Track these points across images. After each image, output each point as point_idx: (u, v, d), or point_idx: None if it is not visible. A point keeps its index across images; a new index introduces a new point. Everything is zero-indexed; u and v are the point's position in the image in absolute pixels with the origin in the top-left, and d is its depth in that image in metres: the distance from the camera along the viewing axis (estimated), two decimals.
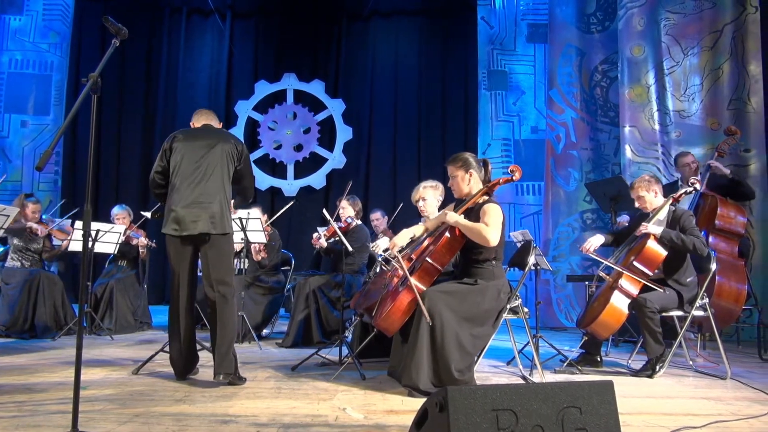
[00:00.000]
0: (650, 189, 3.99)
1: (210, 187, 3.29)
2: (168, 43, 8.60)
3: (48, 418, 2.52)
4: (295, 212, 8.43)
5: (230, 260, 3.41)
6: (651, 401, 3.07)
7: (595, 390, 1.94)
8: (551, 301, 6.73)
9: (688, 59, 6.12)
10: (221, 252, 3.30)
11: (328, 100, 8.65)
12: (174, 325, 3.31)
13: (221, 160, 3.35)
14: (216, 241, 3.28)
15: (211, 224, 3.25)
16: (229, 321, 3.27)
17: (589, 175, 6.82)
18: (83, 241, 2.38)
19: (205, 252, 3.29)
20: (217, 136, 3.44)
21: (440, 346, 3.01)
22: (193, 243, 3.29)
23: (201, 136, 3.42)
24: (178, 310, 3.30)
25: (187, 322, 3.32)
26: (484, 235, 3.17)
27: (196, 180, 3.28)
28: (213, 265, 3.27)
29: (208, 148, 3.34)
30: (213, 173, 3.31)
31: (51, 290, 5.18)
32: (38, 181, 7.45)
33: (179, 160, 3.33)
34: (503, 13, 7.68)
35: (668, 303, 3.76)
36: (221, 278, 3.27)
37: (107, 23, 2.40)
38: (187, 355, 3.33)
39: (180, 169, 3.31)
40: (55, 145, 2.19)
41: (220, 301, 3.26)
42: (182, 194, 3.26)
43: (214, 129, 3.53)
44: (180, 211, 3.23)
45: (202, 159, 3.31)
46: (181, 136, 3.41)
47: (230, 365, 3.22)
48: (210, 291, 3.28)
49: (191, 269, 3.35)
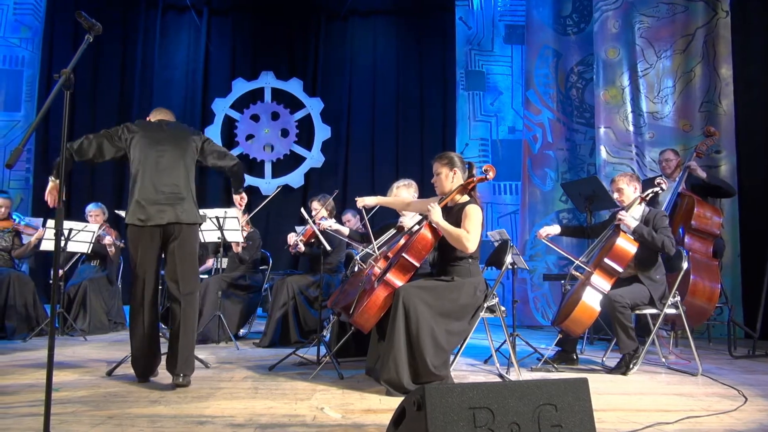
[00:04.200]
0: (630, 183, 4.07)
1: (175, 178, 3.26)
2: (143, 38, 8.45)
3: (19, 420, 2.46)
4: (273, 211, 8.37)
5: (195, 257, 3.34)
6: (625, 398, 3.12)
7: (571, 387, 1.96)
8: (528, 300, 6.80)
9: (661, 62, 6.23)
10: (187, 247, 3.25)
11: (306, 98, 8.61)
12: (136, 322, 3.22)
13: (183, 152, 3.33)
14: (183, 234, 3.22)
15: (179, 213, 3.21)
16: (192, 321, 3.23)
17: (565, 176, 6.91)
18: (55, 240, 2.33)
19: (172, 248, 3.22)
20: (174, 128, 3.42)
21: (416, 341, 3.02)
22: (159, 235, 3.22)
23: (159, 129, 3.38)
24: (142, 306, 3.20)
25: (151, 319, 3.23)
26: (463, 242, 3.20)
27: (160, 171, 3.23)
28: (179, 261, 3.21)
29: (168, 141, 3.31)
30: (177, 165, 3.28)
31: (22, 290, 5.07)
32: (9, 179, 7.28)
33: (138, 153, 3.26)
34: (481, 13, 7.73)
35: (639, 299, 3.84)
36: (186, 276, 3.22)
37: (80, 18, 2.35)
38: (149, 353, 3.24)
39: (142, 161, 3.24)
40: (26, 141, 2.14)
41: (186, 300, 3.20)
42: (147, 185, 3.21)
43: (170, 122, 3.47)
44: (145, 201, 3.18)
45: (164, 151, 3.27)
46: (136, 128, 3.34)
47: (192, 366, 3.19)
48: (174, 289, 3.21)
49: (156, 262, 3.26)
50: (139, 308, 3.22)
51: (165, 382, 3.19)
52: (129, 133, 3.32)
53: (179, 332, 3.17)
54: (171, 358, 3.15)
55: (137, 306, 3.22)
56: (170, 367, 3.16)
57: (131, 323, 3.25)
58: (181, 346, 3.13)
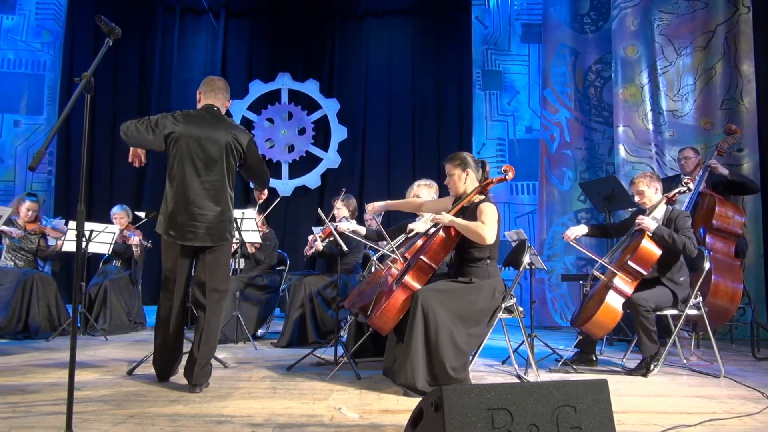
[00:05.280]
0: (651, 185, 4.00)
1: (212, 187, 3.16)
2: (162, 41, 8.56)
3: (42, 419, 2.51)
4: (290, 212, 8.42)
5: (227, 268, 3.32)
6: (645, 400, 3.08)
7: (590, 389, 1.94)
8: (546, 301, 6.74)
9: (681, 59, 6.14)
10: (219, 260, 3.22)
11: (323, 99, 8.64)
12: (163, 326, 3.19)
13: (223, 155, 3.19)
14: (215, 250, 3.20)
15: (209, 236, 3.15)
16: (214, 333, 3.20)
17: (583, 175, 6.84)
18: (77, 241, 2.37)
19: (203, 257, 3.19)
20: (219, 127, 3.23)
21: (435, 345, 3.01)
22: (191, 248, 3.19)
23: (203, 126, 3.20)
24: (170, 313, 3.18)
25: (177, 324, 3.21)
26: (480, 232, 3.17)
27: (197, 179, 3.14)
28: (209, 272, 3.18)
29: (210, 142, 3.17)
30: (215, 171, 3.17)
31: (45, 290, 5.15)
32: (31, 181, 7.39)
33: (176, 153, 3.15)
34: (497, 12, 7.69)
35: (663, 302, 3.78)
36: (215, 287, 3.19)
37: (100, 22, 2.38)
38: (170, 356, 3.24)
39: (179, 164, 3.15)
40: (48, 144, 2.18)
41: (211, 309, 3.17)
42: (181, 195, 3.13)
43: (216, 116, 3.28)
44: (179, 217, 3.11)
45: (204, 154, 3.15)
46: (181, 124, 3.17)
47: (207, 375, 3.18)
48: (201, 297, 3.19)
49: (188, 272, 3.23)
50: (166, 315, 3.19)
51: (184, 382, 3.20)
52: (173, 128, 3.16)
53: (201, 341, 3.14)
54: (189, 365, 3.14)
55: (165, 311, 3.19)
56: (187, 374, 3.14)
57: (157, 325, 3.23)
58: (201, 356, 3.11)
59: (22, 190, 7.07)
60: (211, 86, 3.36)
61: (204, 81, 3.40)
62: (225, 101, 3.39)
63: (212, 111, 3.31)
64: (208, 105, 3.33)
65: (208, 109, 3.31)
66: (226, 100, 3.40)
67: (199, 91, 3.38)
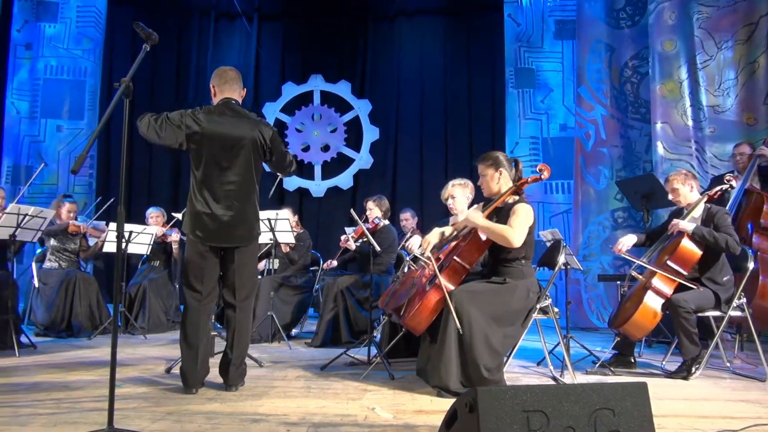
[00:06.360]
0: (686, 182, 3.90)
1: (238, 186, 3.08)
2: (197, 46, 8.73)
3: (85, 415, 2.58)
4: (323, 213, 8.48)
5: (254, 268, 3.31)
6: (686, 404, 3.00)
7: (629, 391, 1.90)
8: (582, 301, 6.63)
9: (722, 53, 5.96)
10: (246, 260, 3.17)
11: (355, 100, 8.67)
12: (191, 331, 3.06)
13: (247, 153, 3.11)
14: (242, 249, 3.15)
15: (235, 236, 3.10)
16: (245, 332, 3.18)
17: (619, 173, 6.70)
18: (117, 243, 2.43)
19: (230, 258, 3.14)
20: (242, 124, 3.13)
21: (468, 346, 2.99)
22: (217, 248, 3.14)
23: (225, 124, 3.10)
24: (198, 315, 3.07)
25: (207, 329, 3.13)
26: (506, 236, 3.14)
27: (223, 178, 3.06)
28: (237, 272, 3.14)
29: (234, 140, 3.08)
30: (239, 169, 3.09)
31: (87, 290, 5.31)
32: (73, 183, 7.62)
33: (200, 152, 3.07)
34: (530, 10, 7.61)
35: (704, 303, 3.67)
36: (243, 286, 3.16)
37: (138, 29, 2.43)
38: (200, 368, 3.07)
39: (202, 164, 3.07)
40: (90, 148, 2.24)
41: (240, 309, 3.15)
42: (207, 195, 3.06)
43: (237, 112, 3.18)
44: (204, 217, 3.05)
45: (228, 153, 3.07)
46: (203, 123, 3.07)
47: (243, 375, 3.20)
48: (230, 297, 3.16)
49: (215, 272, 3.15)
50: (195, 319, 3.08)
51: (221, 381, 3.23)
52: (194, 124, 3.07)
53: (234, 342, 3.13)
54: (224, 366, 3.15)
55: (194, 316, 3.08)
56: (222, 373, 3.16)
57: (186, 332, 3.08)
58: (235, 356, 3.13)
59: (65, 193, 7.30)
60: (224, 78, 3.23)
61: (215, 73, 3.27)
62: (240, 90, 3.28)
63: (232, 106, 3.19)
64: (226, 99, 3.20)
65: (227, 104, 3.19)
66: (241, 89, 3.29)
67: (212, 84, 3.26)
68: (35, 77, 7.63)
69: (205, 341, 3.10)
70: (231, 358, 3.12)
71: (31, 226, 4.43)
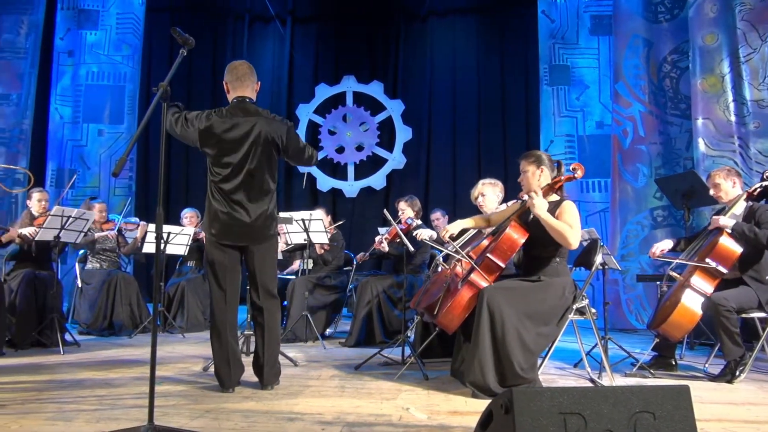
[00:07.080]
0: (728, 178, 3.79)
1: (253, 185, 3.10)
2: (232, 50, 8.88)
3: (126, 411, 2.65)
4: (356, 213, 8.52)
5: (274, 265, 3.29)
6: (731, 408, 2.91)
7: (670, 395, 1.85)
8: (620, 302, 6.49)
9: (766, 45, 5.76)
10: (265, 258, 3.18)
11: (387, 100, 8.68)
12: (220, 331, 3.09)
13: (263, 152, 3.11)
14: (260, 248, 3.16)
15: (252, 235, 3.11)
16: (275, 331, 3.18)
17: (659, 171, 6.53)
18: (156, 244, 2.48)
19: (250, 257, 3.16)
20: (256, 123, 3.11)
21: (501, 343, 2.96)
22: (236, 247, 3.16)
23: (240, 124, 3.09)
24: (224, 314, 3.11)
25: (234, 330, 3.15)
26: (567, 236, 3.10)
27: (238, 178, 3.08)
28: (258, 270, 3.16)
29: (247, 140, 3.08)
30: (255, 167, 3.09)
31: (127, 290, 5.45)
32: (114, 186, 7.83)
33: (215, 152, 3.09)
34: (564, 5, 7.48)
35: (746, 302, 3.54)
36: (265, 284, 3.17)
37: (175, 34, 2.47)
38: (233, 367, 3.10)
39: (218, 164, 3.10)
40: (130, 151, 2.29)
41: (267, 308, 3.16)
42: (223, 194, 3.10)
43: (251, 111, 3.14)
44: (221, 216, 3.09)
45: (242, 153, 3.07)
46: (218, 124, 3.08)
47: (277, 374, 3.21)
48: (256, 297, 3.18)
49: (236, 271, 3.16)
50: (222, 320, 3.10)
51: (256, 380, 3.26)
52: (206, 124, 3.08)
53: (264, 344, 3.15)
54: (257, 367, 3.18)
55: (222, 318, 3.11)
56: (257, 373, 3.19)
57: (212, 332, 3.14)
58: (267, 356, 3.14)
59: (107, 195, 7.51)
60: (236, 74, 3.18)
61: (228, 69, 3.22)
62: (254, 86, 3.23)
63: (245, 105, 3.16)
64: (239, 98, 3.18)
65: (240, 102, 3.17)
66: (254, 84, 3.23)
67: (225, 81, 3.22)
68: (77, 83, 7.86)
69: (233, 340, 3.13)
70: (263, 360, 3.15)
71: (75, 227, 4.57)
